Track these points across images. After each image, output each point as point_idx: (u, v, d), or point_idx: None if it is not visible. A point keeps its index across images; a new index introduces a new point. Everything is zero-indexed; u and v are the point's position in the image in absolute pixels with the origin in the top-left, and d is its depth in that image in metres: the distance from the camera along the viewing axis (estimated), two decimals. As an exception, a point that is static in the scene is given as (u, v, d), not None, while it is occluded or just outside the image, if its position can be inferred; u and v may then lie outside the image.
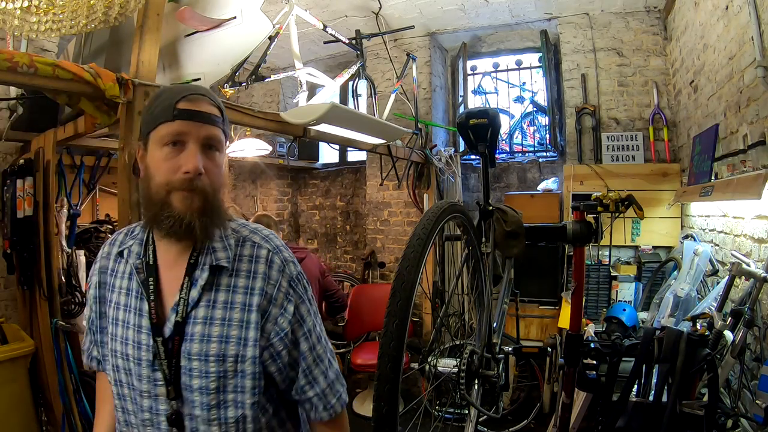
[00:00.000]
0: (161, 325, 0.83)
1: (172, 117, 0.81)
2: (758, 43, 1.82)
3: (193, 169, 0.80)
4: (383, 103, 3.44)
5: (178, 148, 0.81)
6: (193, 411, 0.81)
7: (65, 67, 1.39)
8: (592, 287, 2.92)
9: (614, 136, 3.43)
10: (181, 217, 0.81)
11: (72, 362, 2.18)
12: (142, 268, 0.86)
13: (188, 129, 0.81)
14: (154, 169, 0.82)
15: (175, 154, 0.81)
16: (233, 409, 0.82)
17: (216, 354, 0.81)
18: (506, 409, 3.17)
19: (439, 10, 3.64)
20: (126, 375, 0.85)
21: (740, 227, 2.07)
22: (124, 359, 0.85)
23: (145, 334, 0.83)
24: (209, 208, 0.83)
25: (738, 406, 1.60)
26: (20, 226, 2.23)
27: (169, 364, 0.81)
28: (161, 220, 0.81)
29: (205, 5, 1.86)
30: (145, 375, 0.83)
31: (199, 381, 0.81)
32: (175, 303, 0.83)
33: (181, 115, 0.81)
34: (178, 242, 0.85)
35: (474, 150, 1.43)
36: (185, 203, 0.81)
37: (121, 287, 0.88)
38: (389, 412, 0.79)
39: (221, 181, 0.86)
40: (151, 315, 0.83)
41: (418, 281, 0.88)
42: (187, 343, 0.82)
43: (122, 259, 0.90)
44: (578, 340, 1.58)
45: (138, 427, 0.85)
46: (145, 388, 0.83)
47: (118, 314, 0.87)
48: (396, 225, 4.12)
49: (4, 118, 2.41)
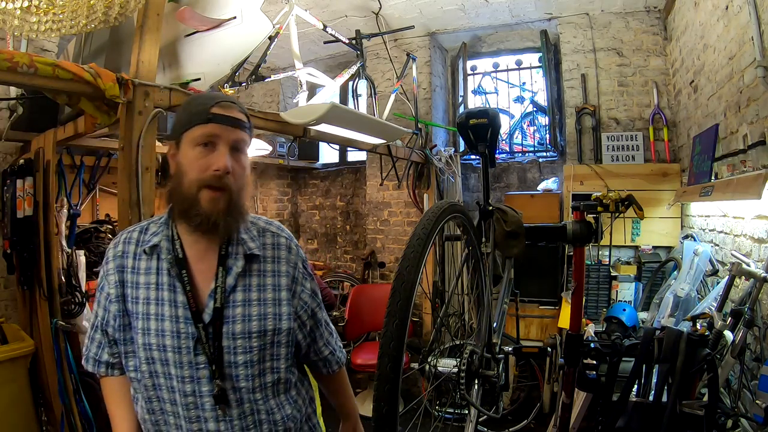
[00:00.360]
0: (200, 312, 0.91)
1: (206, 120, 0.90)
2: (758, 43, 1.82)
3: (222, 167, 0.89)
4: (383, 103, 3.44)
5: (209, 148, 0.90)
6: (237, 384, 0.91)
7: (65, 67, 1.39)
8: (592, 287, 2.92)
9: (614, 136, 3.42)
10: (208, 216, 0.89)
11: (72, 362, 2.18)
12: (174, 263, 0.92)
13: (220, 132, 0.90)
14: (186, 166, 0.90)
15: (206, 154, 0.90)
16: (270, 375, 0.96)
17: (257, 330, 0.93)
18: (506, 409, 3.17)
19: (439, 10, 3.64)
20: (162, 365, 0.90)
21: (740, 227, 2.07)
22: (160, 350, 0.90)
23: (183, 323, 0.90)
24: (233, 207, 0.92)
25: (738, 406, 1.60)
26: (20, 226, 2.23)
27: (212, 347, 0.90)
28: (191, 216, 0.90)
29: (205, 5, 1.87)
30: (186, 361, 0.89)
31: (244, 356, 0.92)
32: (212, 291, 0.92)
33: (214, 118, 0.90)
34: (205, 237, 0.93)
35: (474, 150, 1.43)
36: (212, 204, 0.89)
37: (149, 283, 0.93)
38: (389, 412, 0.79)
39: (245, 182, 0.95)
40: (189, 304, 0.90)
41: (418, 281, 0.88)
42: (229, 325, 0.92)
43: (147, 256, 0.94)
44: (578, 340, 1.58)
45: (175, 414, 0.91)
46: (187, 374, 0.89)
47: (148, 309, 0.91)
48: (396, 225, 4.12)
49: (4, 118, 2.41)
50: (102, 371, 0.99)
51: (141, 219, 1.54)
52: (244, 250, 0.96)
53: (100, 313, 0.97)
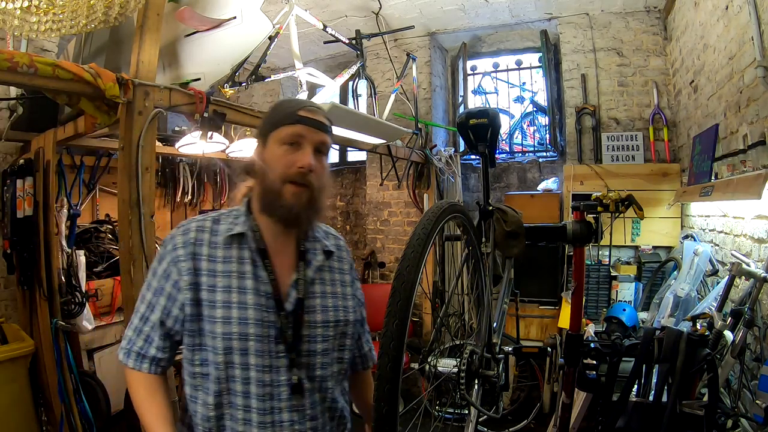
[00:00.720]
0: (282, 302, 0.95)
1: (294, 121, 0.96)
2: (758, 43, 1.82)
3: (307, 164, 0.94)
4: (383, 103, 3.44)
5: (294, 147, 0.96)
6: (313, 373, 0.95)
7: (65, 67, 1.39)
8: (592, 287, 2.92)
9: (614, 136, 3.43)
10: (290, 208, 0.94)
11: (72, 362, 2.19)
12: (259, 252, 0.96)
13: (306, 132, 0.96)
14: (272, 162, 0.96)
15: (291, 152, 0.95)
16: (338, 364, 1.01)
17: (334, 321, 1.00)
18: (506, 409, 3.17)
19: (439, 10, 3.64)
20: (240, 356, 0.90)
21: (740, 227, 2.07)
22: (241, 340, 0.90)
23: (266, 312, 0.93)
24: (314, 202, 0.97)
25: (738, 406, 1.60)
26: (20, 226, 2.23)
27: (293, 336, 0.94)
28: (275, 208, 0.95)
29: (205, 5, 1.87)
30: (266, 350, 0.91)
31: (322, 345, 0.97)
32: (293, 282, 0.97)
33: (302, 120, 0.96)
34: (285, 231, 0.99)
35: (474, 150, 1.43)
36: (295, 198, 0.94)
37: (229, 271, 0.94)
38: (389, 412, 0.79)
39: (325, 182, 1.00)
40: (275, 294, 0.94)
41: (418, 281, 0.88)
42: (310, 314, 0.97)
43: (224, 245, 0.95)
44: (578, 340, 1.58)
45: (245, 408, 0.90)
46: (267, 363, 0.91)
47: (230, 297, 0.92)
48: (396, 225, 4.12)
49: (4, 118, 2.42)
50: (145, 367, 0.95)
51: (141, 219, 1.54)
52: (322, 246, 1.04)
53: (161, 302, 0.94)
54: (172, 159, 3.65)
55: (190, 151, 2.64)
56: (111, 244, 2.93)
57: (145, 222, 1.54)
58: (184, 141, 2.45)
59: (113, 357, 2.68)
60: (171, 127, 2.90)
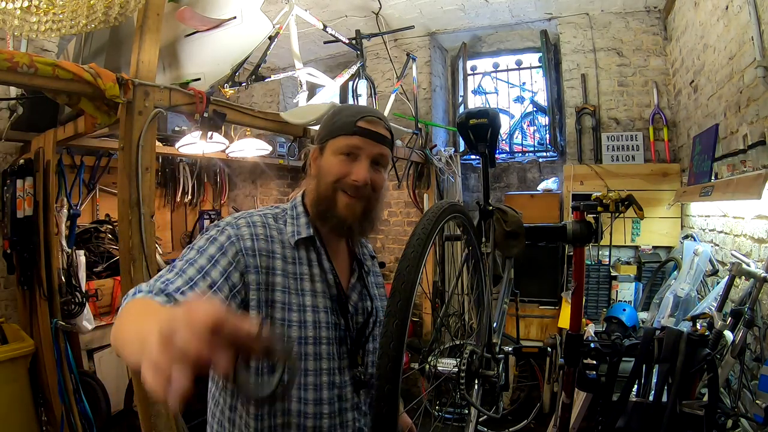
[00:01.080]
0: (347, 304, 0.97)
1: (351, 132, 0.93)
2: (758, 43, 1.82)
3: (362, 180, 0.92)
4: (383, 103, 3.44)
5: (350, 158, 0.93)
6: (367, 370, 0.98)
7: (65, 67, 1.39)
8: (592, 287, 2.92)
9: (614, 136, 3.43)
10: (343, 221, 0.93)
11: (72, 362, 2.19)
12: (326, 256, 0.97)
13: (363, 145, 0.93)
14: (326, 169, 0.94)
15: (347, 163, 0.93)
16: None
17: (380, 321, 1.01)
18: (506, 409, 3.17)
19: (439, 10, 3.64)
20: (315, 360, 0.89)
21: (740, 227, 2.07)
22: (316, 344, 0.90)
23: (334, 315, 0.94)
24: (368, 214, 0.96)
25: (738, 406, 1.60)
26: (20, 226, 2.23)
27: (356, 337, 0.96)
28: (327, 218, 0.94)
29: (205, 5, 1.87)
30: (336, 352, 0.93)
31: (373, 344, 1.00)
32: (352, 285, 1.00)
33: (360, 131, 0.93)
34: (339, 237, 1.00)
35: (474, 150, 1.42)
36: (348, 209, 0.93)
37: (301, 273, 0.93)
38: (389, 412, 0.79)
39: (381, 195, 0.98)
40: (341, 297, 0.95)
41: (418, 281, 0.88)
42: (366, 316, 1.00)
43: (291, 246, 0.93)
44: (578, 340, 1.58)
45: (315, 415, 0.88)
46: (336, 365, 0.92)
47: (303, 300, 0.90)
48: (396, 225, 4.12)
49: (4, 118, 2.42)
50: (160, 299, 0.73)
51: (141, 219, 1.54)
52: (369, 252, 1.09)
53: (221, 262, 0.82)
54: (172, 159, 3.65)
55: (190, 151, 2.65)
56: (111, 244, 2.93)
57: (145, 222, 1.54)
58: (184, 141, 2.46)
59: (113, 357, 2.68)
60: (171, 127, 2.90)
